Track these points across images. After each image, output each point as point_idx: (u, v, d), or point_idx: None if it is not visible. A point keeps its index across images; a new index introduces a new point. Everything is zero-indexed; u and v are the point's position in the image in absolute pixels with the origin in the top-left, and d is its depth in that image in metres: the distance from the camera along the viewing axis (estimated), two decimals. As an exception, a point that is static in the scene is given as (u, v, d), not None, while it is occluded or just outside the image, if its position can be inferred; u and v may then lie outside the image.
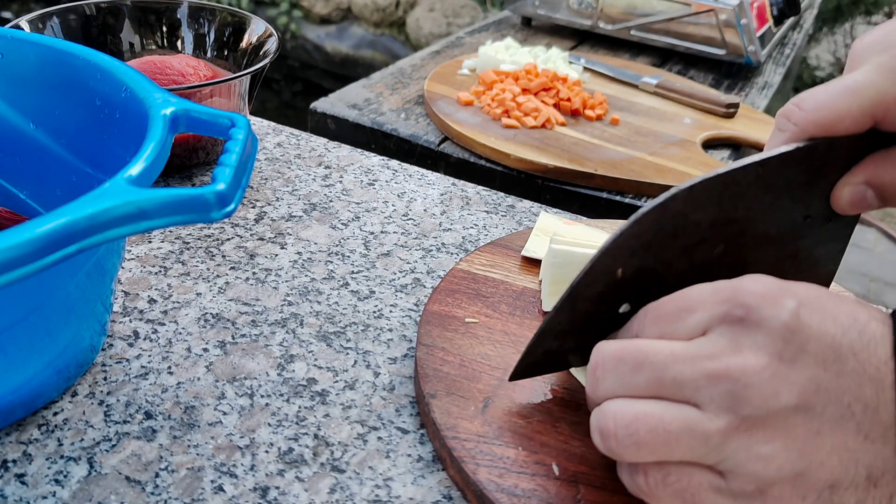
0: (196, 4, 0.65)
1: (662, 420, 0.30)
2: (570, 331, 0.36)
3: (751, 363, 0.29)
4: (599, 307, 0.35)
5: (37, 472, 0.34)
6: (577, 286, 0.34)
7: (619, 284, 0.35)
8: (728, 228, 0.35)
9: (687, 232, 0.34)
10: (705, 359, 0.30)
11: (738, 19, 1.19)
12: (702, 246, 0.35)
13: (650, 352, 0.31)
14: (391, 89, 1.02)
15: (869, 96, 0.33)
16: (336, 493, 0.35)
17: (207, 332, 0.43)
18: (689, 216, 0.33)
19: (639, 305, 0.36)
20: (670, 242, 0.34)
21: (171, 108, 0.35)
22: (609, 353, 0.33)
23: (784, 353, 0.29)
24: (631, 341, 0.33)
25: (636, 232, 0.33)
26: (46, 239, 0.27)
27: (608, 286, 0.35)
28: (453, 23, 3.39)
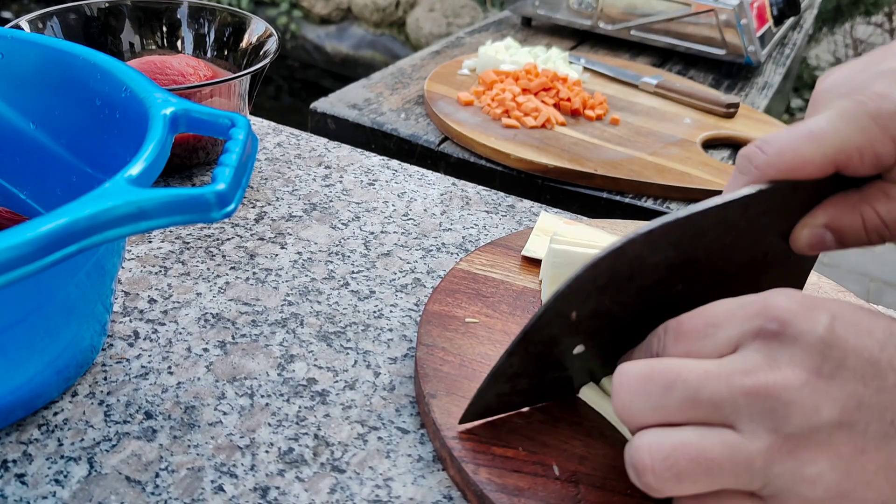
0: (196, 4, 0.65)
1: (702, 448, 0.29)
2: (522, 373, 0.35)
3: (790, 379, 0.28)
4: (552, 349, 0.35)
5: (37, 472, 0.34)
6: (529, 330, 0.33)
7: (573, 326, 0.34)
8: (687, 269, 0.35)
9: (644, 274, 0.34)
10: (741, 375, 0.29)
11: (738, 19, 1.19)
12: (659, 286, 0.35)
13: (682, 370, 0.30)
14: (391, 89, 1.02)
15: (832, 144, 0.32)
16: (336, 493, 0.35)
17: (207, 332, 0.43)
18: (647, 259, 0.33)
19: (594, 345, 0.36)
20: (626, 284, 0.33)
21: (171, 108, 0.35)
22: (635, 373, 0.31)
23: (822, 369, 0.28)
24: (658, 360, 0.31)
25: (592, 276, 0.33)
26: (46, 239, 0.27)
27: (562, 328, 0.34)
28: (453, 23, 3.39)
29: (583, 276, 0.32)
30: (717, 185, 0.81)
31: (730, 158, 0.93)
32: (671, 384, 0.30)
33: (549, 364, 0.36)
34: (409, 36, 3.52)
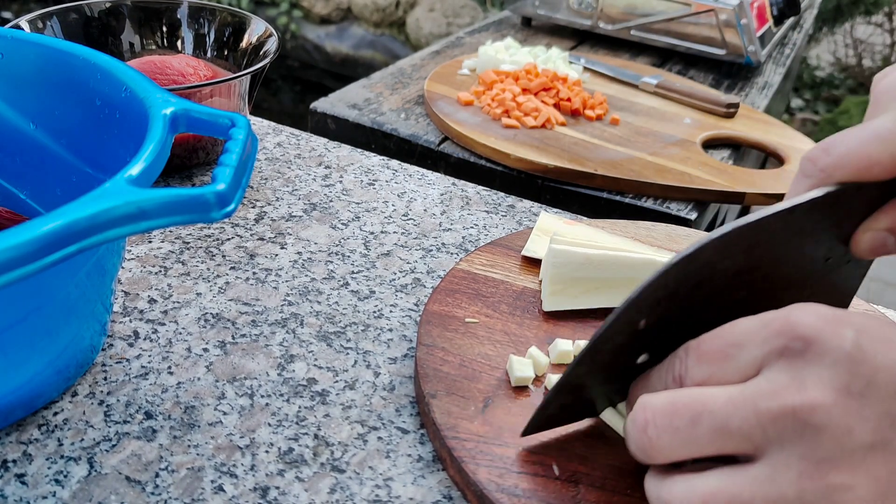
0: (196, 4, 0.65)
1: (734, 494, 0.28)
2: (586, 383, 0.35)
3: (818, 399, 0.27)
4: (618, 358, 0.34)
5: (37, 472, 0.34)
6: (598, 340, 0.33)
7: (640, 335, 0.33)
8: (752, 275, 0.34)
9: (713, 281, 0.33)
10: (767, 399, 0.28)
11: (738, 19, 1.19)
12: (725, 293, 0.34)
13: (706, 401, 0.29)
14: (391, 89, 1.02)
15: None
16: (336, 493, 0.35)
17: (207, 332, 0.43)
18: (717, 265, 0.32)
19: (656, 354, 0.35)
20: (695, 291, 0.33)
21: (171, 108, 0.35)
22: (659, 407, 0.30)
23: (852, 387, 0.27)
24: (680, 392, 0.30)
25: (663, 283, 0.32)
26: (46, 239, 0.27)
27: (629, 337, 0.33)
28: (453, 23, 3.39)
29: (654, 283, 0.32)
30: (718, 185, 0.81)
31: (730, 158, 0.93)
32: (697, 417, 0.29)
33: (613, 373, 0.35)
34: (409, 36, 3.52)
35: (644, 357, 0.35)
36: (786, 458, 0.27)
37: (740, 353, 0.30)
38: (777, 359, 0.29)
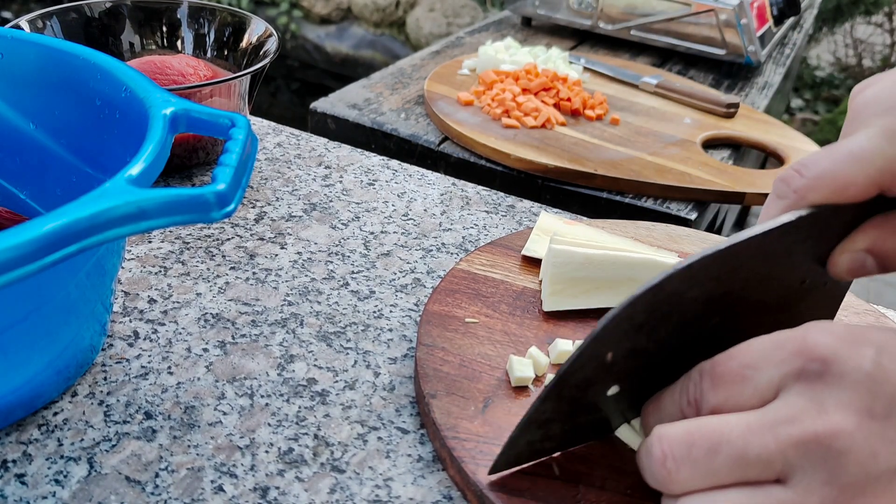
0: (196, 4, 0.65)
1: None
2: (554, 418, 0.34)
3: (840, 424, 0.26)
4: (586, 391, 0.33)
5: (37, 472, 0.34)
6: (563, 375, 0.32)
7: (607, 367, 0.33)
8: (724, 301, 0.33)
9: (682, 309, 0.32)
10: (788, 425, 0.27)
11: (738, 19, 1.19)
12: (696, 321, 0.33)
13: (724, 430, 0.28)
14: (391, 89, 1.02)
15: (876, 165, 0.30)
16: (336, 493, 0.35)
17: (207, 332, 0.43)
18: (686, 294, 0.32)
19: (629, 385, 0.34)
20: (664, 321, 0.32)
21: (171, 108, 0.35)
22: (676, 439, 0.29)
23: (874, 409, 0.26)
24: (697, 422, 0.30)
25: (629, 314, 0.31)
26: (46, 239, 0.27)
27: (596, 370, 0.33)
28: (453, 23, 3.39)
29: (619, 315, 0.31)
30: (717, 185, 0.81)
31: (730, 158, 0.93)
32: (716, 447, 0.28)
33: (582, 407, 0.34)
34: (409, 36, 3.51)
35: (615, 389, 0.34)
36: (809, 484, 0.27)
37: (757, 376, 0.29)
38: (795, 381, 0.28)
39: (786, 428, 0.27)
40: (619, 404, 0.35)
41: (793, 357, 0.28)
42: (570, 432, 0.35)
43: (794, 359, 0.28)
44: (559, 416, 0.34)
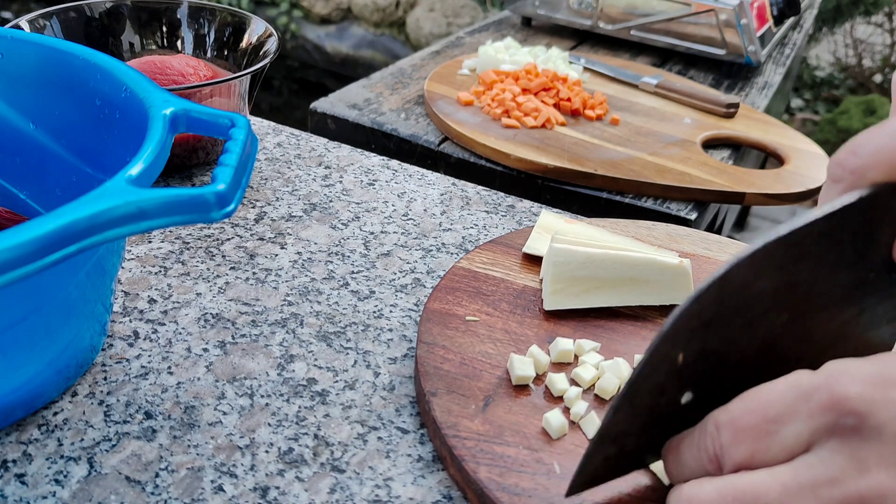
0: (196, 4, 0.65)
1: None
2: (629, 431, 0.32)
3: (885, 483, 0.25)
4: (659, 399, 0.32)
5: (37, 472, 0.34)
6: (635, 381, 0.30)
7: (679, 372, 0.31)
8: (791, 294, 0.32)
9: (750, 304, 0.31)
10: (829, 487, 0.25)
11: (738, 19, 1.19)
12: (766, 317, 0.32)
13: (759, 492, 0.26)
14: (391, 89, 1.02)
15: None
16: (336, 493, 0.35)
17: (207, 332, 0.43)
18: (752, 286, 0.30)
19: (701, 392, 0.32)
20: (733, 317, 0.31)
21: (171, 108, 0.35)
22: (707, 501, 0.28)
23: None
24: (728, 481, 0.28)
25: (697, 310, 0.30)
26: (46, 239, 0.27)
27: (668, 375, 0.31)
28: (453, 23, 3.39)
29: (687, 311, 0.29)
30: (718, 185, 0.81)
31: (730, 158, 0.93)
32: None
33: (656, 417, 0.32)
34: (409, 36, 3.51)
35: (688, 396, 0.32)
36: None
37: (783, 430, 0.27)
38: (828, 437, 0.26)
39: (827, 490, 0.25)
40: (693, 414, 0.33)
41: (823, 412, 0.26)
42: (647, 446, 0.33)
43: (825, 414, 0.26)
44: (634, 428, 0.32)
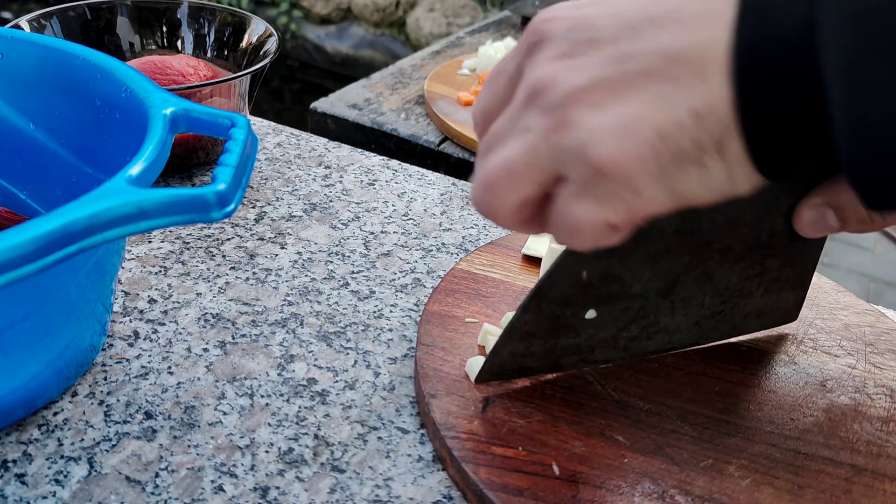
0: (196, 4, 0.65)
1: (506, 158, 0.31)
2: (535, 332, 0.36)
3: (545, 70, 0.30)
4: (565, 310, 0.35)
5: (37, 472, 0.34)
6: (542, 286, 0.34)
7: (584, 288, 0.34)
8: (692, 239, 0.35)
9: (651, 238, 0.34)
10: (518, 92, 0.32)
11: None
12: (667, 255, 0.35)
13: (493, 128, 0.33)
14: (391, 89, 1.02)
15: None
16: (336, 493, 0.35)
17: (207, 332, 0.43)
18: (654, 223, 0.32)
19: (605, 313, 0.36)
20: (634, 247, 0.33)
21: (171, 108, 0.35)
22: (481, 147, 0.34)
23: (572, 51, 0.30)
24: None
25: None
26: (46, 239, 0.27)
27: (574, 288, 0.34)
28: (453, 23, 3.39)
29: None
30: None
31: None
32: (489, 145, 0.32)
33: (561, 327, 0.36)
34: (409, 36, 3.51)
35: (592, 313, 0.35)
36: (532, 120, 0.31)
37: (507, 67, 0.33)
38: (526, 58, 0.32)
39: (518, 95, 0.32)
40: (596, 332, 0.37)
41: (524, 40, 0.32)
42: (550, 353, 0.36)
43: (525, 40, 0.32)
44: (539, 330, 0.35)
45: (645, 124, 0.29)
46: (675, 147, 0.29)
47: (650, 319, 0.39)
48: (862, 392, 0.42)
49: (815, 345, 0.45)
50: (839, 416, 0.40)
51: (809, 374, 0.43)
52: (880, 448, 0.38)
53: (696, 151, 0.29)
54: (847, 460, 0.37)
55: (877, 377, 0.43)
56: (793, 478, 0.36)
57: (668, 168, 0.29)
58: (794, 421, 0.39)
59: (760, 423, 0.39)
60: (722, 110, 0.28)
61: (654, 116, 0.29)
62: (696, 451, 0.37)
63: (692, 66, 0.28)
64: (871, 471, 0.37)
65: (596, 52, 0.30)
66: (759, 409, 0.40)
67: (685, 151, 0.29)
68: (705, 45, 0.28)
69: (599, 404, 0.39)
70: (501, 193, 0.32)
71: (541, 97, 0.30)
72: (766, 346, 0.44)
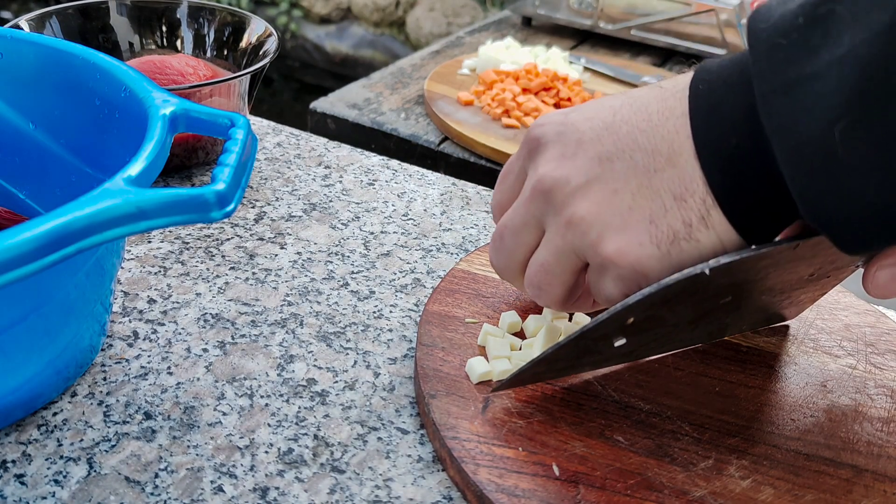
0: (196, 4, 0.65)
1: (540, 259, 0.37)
2: (563, 358, 0.37)
3: (544, 171, 0.36)
4: (598, 343, 0.36)
5: (36, 472, 0.34)
6: (587, 332, 0.35)
7: (625, 328, 0.36)
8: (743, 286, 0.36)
9: (707, 291, 0.35)
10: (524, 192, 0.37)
11: (739, 19, 1.19)
12: (713, 298, 0.36)
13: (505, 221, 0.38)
14: (391, 89, 1.02)
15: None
16: (336, 494, 0.35)
17: (207, 332, 0.43)
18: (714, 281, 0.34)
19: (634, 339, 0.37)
20: (688, 298, 0.35)
21: (170, 107, 0.35)
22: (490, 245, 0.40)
23: (565, 152, 0.35)
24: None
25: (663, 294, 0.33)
26: (46, 239, 0.27)
27: (614, 329, 0.36)
28: (453, 22, 3.38)
29: (655, 294, 0.33)
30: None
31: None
32: (501, 235, 0.38)
33: (589, 352, 0.38)
34: (409, 36, 3.51)
35: (622, 341, 0.37)
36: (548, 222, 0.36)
37: (512, 168, 0.39)
38: (527, 162, 0.37)
39: (522, 194, 0.37)
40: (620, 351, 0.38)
41: (524, 146, 0.38)
42: (571, 368, 0.39)
43: (524, 147, 0.38)
44: (568, 358, 0.38)
45: (638, 213, 0.34)
46: (666, 229, 0.33)
47: (671, 338, 0.40)
48: (862, 392, 0.42)
49: (816, 345, 0.45)
50: (840, 417, 0.40)
51: (810, 375, 0.42)
52: (881, 449, 0.38)
53: (686, 229, 0.33)
54: (848, 461, 0.37)
55: (877, 378, 0.43)
56: (793, 478, 0.36)
57: (665, 248, 0.33)
58: (795, 421, 0.39)
59: (761, 424, 0.39)
60: (698, 190, 0.33)
61: (643, 205, 0.33)
62: (696, 451, 0.37)
63: (665, 156, 0.33)
64: (872, 471, 0.37)
65: (584, 152, 0.35)
66: (760, 409, 0.40)
67: (676, 231, 0.33)
68: (672, 139, 0.33)
69: (599, 404, 0.39)
70: (549, 289, 0.37)
71: (548, 196, 0.35)
72: (767, 346, 0.44)
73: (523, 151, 0.38)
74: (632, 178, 0.34)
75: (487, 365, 0.40)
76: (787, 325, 0.46)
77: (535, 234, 0.37)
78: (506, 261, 0.39)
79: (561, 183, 0.35)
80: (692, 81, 0.34)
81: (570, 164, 0.35)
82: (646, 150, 0.34)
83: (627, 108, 0.35)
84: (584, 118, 0.36)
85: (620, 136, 0.34)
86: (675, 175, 0.33)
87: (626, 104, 0.35)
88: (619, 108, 0.35)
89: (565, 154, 0.35)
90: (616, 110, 0.35)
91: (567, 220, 0.35)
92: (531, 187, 0.36)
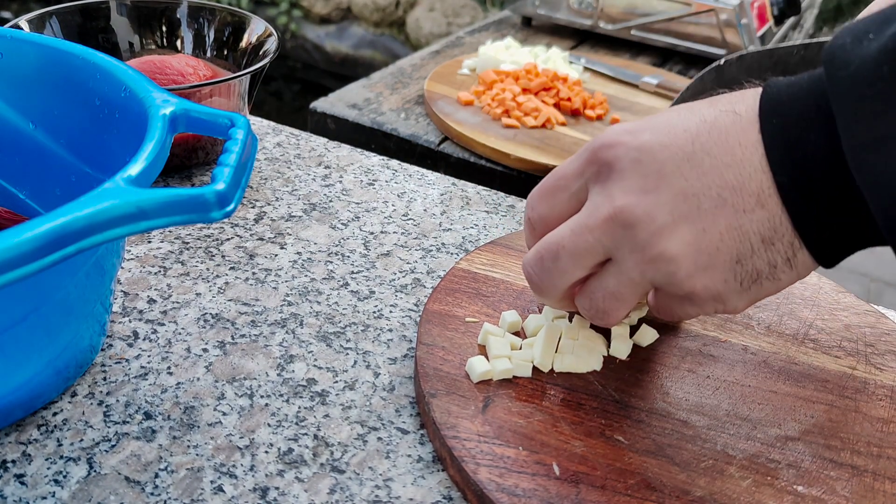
0: (196, 4, 0.65)
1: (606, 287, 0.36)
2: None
3: (622, 203, 0.34)
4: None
5: (36, 472, 0.34)
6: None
7: None
8: None
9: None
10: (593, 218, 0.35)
11: (739, 19, 1.19)
12: None
13: (558, 239, 0.36)
14: (391, 89, 1.02)
15: None
16: (336, 494, 0.35)
17: (207, 332, 0.43)
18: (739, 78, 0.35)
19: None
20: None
21: (170, 107, 0.35)
22: (531, 260, 0.38)
23: (646, 186, 0.34)
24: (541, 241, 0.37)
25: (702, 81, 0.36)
26: (46, 239, 0.27)
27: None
28: (453, 22, 3.38)
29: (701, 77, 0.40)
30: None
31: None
32: (556, 255, 0.36)
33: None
34: (409, 36, 3.51)
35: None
36: (623, 254, 0.35)
37: (570, 186, 0.37)
38: (593, 185, 0.36)
39: (593, 220, 0.35)
40: None
41: (588, 165, 0.36)
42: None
43: (590, 166, 0.36)
44: None
45: (726, 254, 0.34)
46: (752, 269, 0.34)
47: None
48: (862, 393, 0.42)
49: (816, 345, 0.45)
50: (840, 417, 0.40)
51: (810, 375, 0.42)
52: (881, 449, 0.38)
53: (771, 270, 0.34)
54: (847, 461, 0.37)
55: (877, 378, 0.43)
56: (793, 479, 0.36)
57: (747, 285, 0.34)
58: (795, 422, 0.39)
59: (761, 424, 0.39)
60: (787, 234, 0.33)
61: (731, 245, 0.33)
62: (696, 451, 0.37)
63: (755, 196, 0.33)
64: (872, 472, 0.37)
65: (668, 187, 0.34)
66: (760, 409, 0.40)
67: (760, 271, 0.34)
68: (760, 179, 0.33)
69: (599, 404, 0.39)
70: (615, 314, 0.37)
71: (629, 231, 0.34)
72: (767, 346, 0.44)
73: (587, 170, 0.36)
74: (720, 217, 0.33)
75: (488, 364, 0.40)
76: (787, 325, 0.46)
77: (598, 260, 0.36)
78: (556, 282, 0.37)
79: (645, 221, 0.34)
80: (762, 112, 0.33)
81: (654, 199, 0.34)
82: (734, 189, 0.33)
83: (706, 136, 0.34)
84: (660, 144, 0.34)
85: (704, 171, 0.33)
86: (765, 217, 0.33)
87: (702, 130, 0.34)
88: (696, 135, 0.34)
89: (646, 188, 0.34)
90: (693, 137, 0.34)
91: (652, 258, 0.34)
92: (606, 216, 0.34)
